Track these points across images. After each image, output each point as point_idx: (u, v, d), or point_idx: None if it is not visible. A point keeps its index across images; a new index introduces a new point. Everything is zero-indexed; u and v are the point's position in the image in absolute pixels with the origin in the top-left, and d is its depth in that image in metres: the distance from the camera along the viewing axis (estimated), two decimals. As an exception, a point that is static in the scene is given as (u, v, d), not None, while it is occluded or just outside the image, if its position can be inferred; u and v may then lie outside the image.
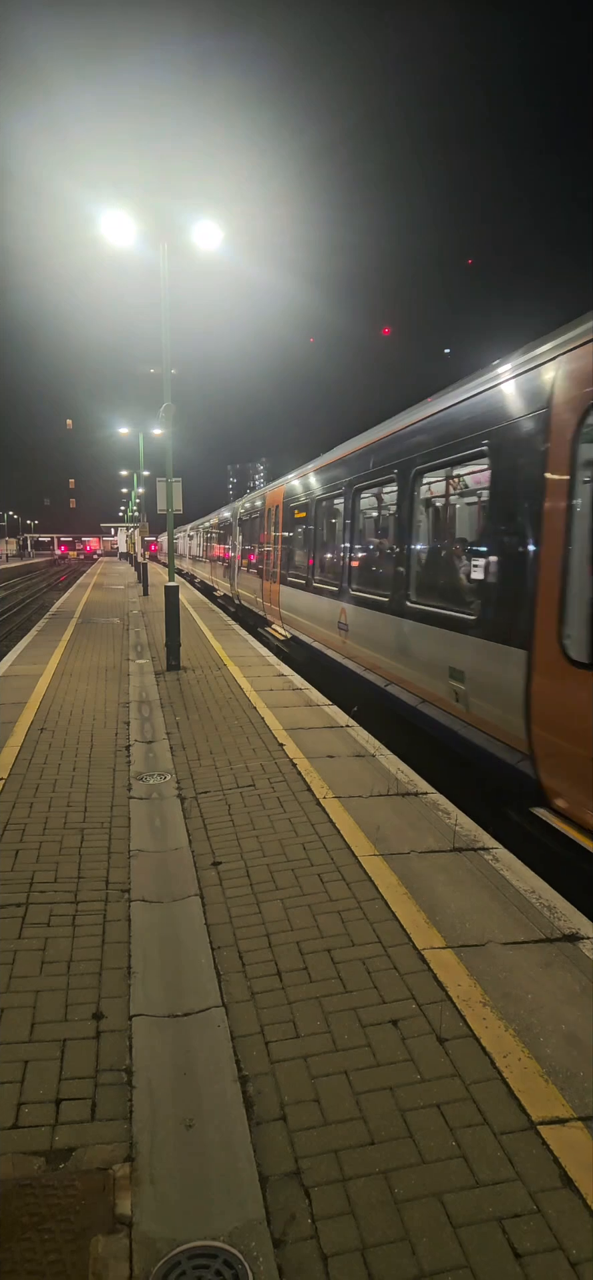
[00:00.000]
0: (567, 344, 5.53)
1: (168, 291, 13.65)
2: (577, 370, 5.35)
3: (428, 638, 7.87)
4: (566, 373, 5.48)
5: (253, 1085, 3.12)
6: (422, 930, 4.30)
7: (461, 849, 5.38)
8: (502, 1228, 2.47)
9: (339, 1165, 2.73)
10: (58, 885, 4.84)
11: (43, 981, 3.83)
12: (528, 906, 4.57)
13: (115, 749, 7.92)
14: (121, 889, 4.80)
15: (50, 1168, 2.73)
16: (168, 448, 14.22)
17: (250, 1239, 2.44)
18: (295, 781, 6.88)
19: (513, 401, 6.27)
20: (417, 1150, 2.79)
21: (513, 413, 6.23)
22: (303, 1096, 3.06)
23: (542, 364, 5.85)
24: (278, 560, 17.44)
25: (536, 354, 6.00)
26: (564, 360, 5.52)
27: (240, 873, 5.05)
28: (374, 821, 5.90)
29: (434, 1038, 3.40)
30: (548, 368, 5.72)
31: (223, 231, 13.45)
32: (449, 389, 8.12)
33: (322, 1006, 3.63)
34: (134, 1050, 3.33)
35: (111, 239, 13.21)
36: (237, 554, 25.18)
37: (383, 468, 9.92)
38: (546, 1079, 3.14)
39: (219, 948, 4.15)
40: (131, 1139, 2.85)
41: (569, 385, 5.42)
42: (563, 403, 5.45)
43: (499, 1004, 3.63)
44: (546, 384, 5.71)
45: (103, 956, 4.06)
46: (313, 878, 4.96)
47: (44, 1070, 3.20)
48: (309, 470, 14.82)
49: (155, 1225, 2.50)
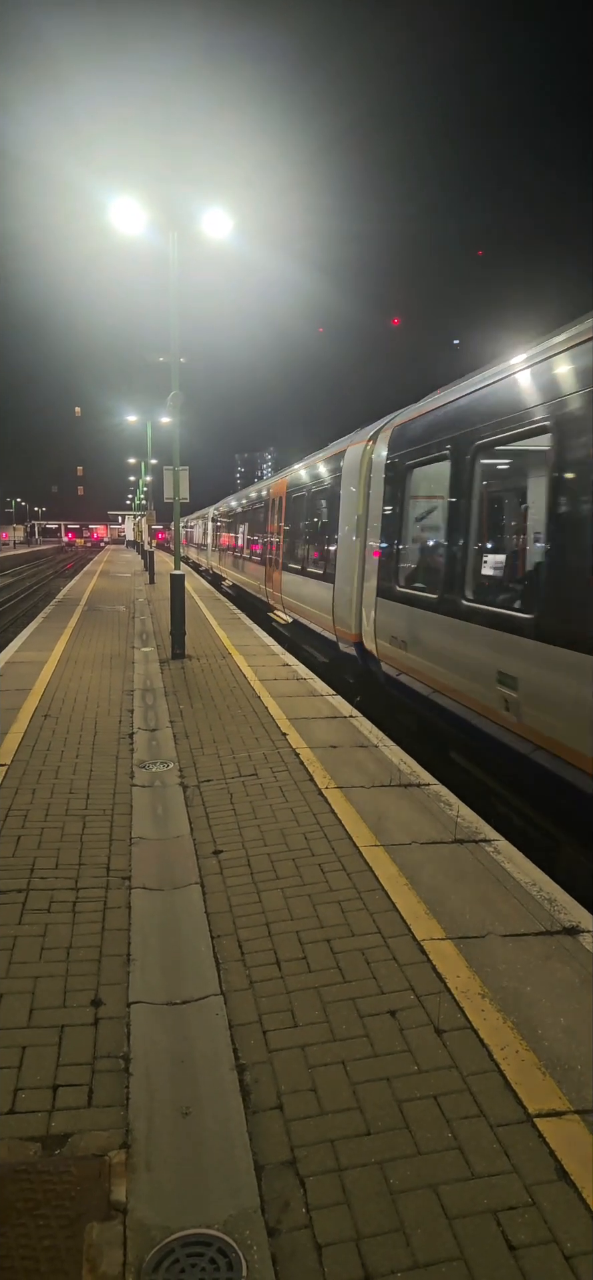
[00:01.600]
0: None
1: (177, 280, 13.61)
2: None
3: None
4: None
5: (250, 1074, 3.12)
6: (422, 921, 4.29)
7: (462, 840, 5.37)
8: (497, 1220, 2.47)
9: (335, 1155, 2.72)
10: (59, 871, 4.85)
11: (42, 967, 3.83)
12: (529, 899, 4.56)
13: (119, 736, 7.93)
14: (122, 876, 4.80)
15: (46, 1153, 2.74)
16: (175, 436, 14.19)
17: (245, 1228, 2.44)
18: (298, 771, 6.88)
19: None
20: (413, 1141, 2.78)
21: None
22: (300, 1086, 3.06)
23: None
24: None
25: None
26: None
27: (241, 861, 5.05)
28: (376, 812, 5.89)
29: (432, 1029, 3.39)
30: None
31: (232, 220, 13.37)
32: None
33: (320, 996, 3.63)
34: (132, 1037, 3.33)
35: (121, 227, 13.14)
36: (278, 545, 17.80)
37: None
38: (543, 1071, 3.13)
39: (219, 936, 4.15)
40: (128, 1126, 2.85)
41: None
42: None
43: (498, 996, 3.62)
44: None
45: (102, 943, 4.06)
46: (314, 867, 4.96)
47: (42, 1056, 3.21)
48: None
49: (150, 1212, 2.50)
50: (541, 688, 5.56)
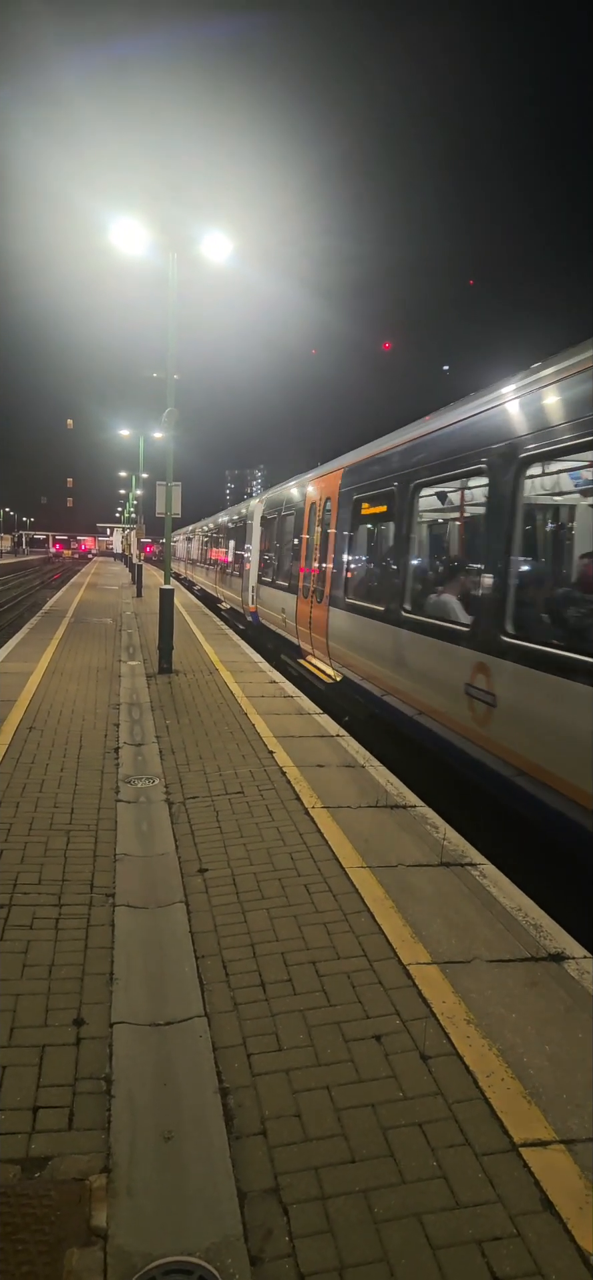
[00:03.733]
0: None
1: (175, 300, 13.70)
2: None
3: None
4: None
5: (234, 1098, 3.09)
6: (407, 945, 4.27)
7: (448, 864, 5.36)
8: (481, 1250, 2.45)
9: (319, 1183, 2.69)
10: (42, 887, 4.80)
11: (23, 985, 3.78)
12: (514, 924, 4.55)
13: (104, 751, 7.88)
14: (106, 893, 4.76)
15: (26, 1176, 2.69)
16: (169, 451, 14.20)
17: (227, 1255, 2.41)
18: (284, 790, 6.85)
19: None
20: (398, 1169, 2.76)
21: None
22: (284, 1111, 3.03)
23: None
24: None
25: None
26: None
27: (227, 880, 5.02)
28: (362, 833, 5.87)
29: (418, 1055, 3.37)
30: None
31: (231, 242, 13.51)
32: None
33: (305, 1019, 3.60)
34: (114, 1058, 3.29)
35: (122, 247, 13.31)
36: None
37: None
38: (529, 1100, 3.11)
39: (203, 956, 4.12)
40: (109, 1149, 2.81)
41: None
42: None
43: (484, 1022, 3.61)
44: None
45: (85, 961, 4.02)
46: (300, 888, 4.93)
47: (22, 1076, 3.16)
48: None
49: (131, 1238, 2.46)
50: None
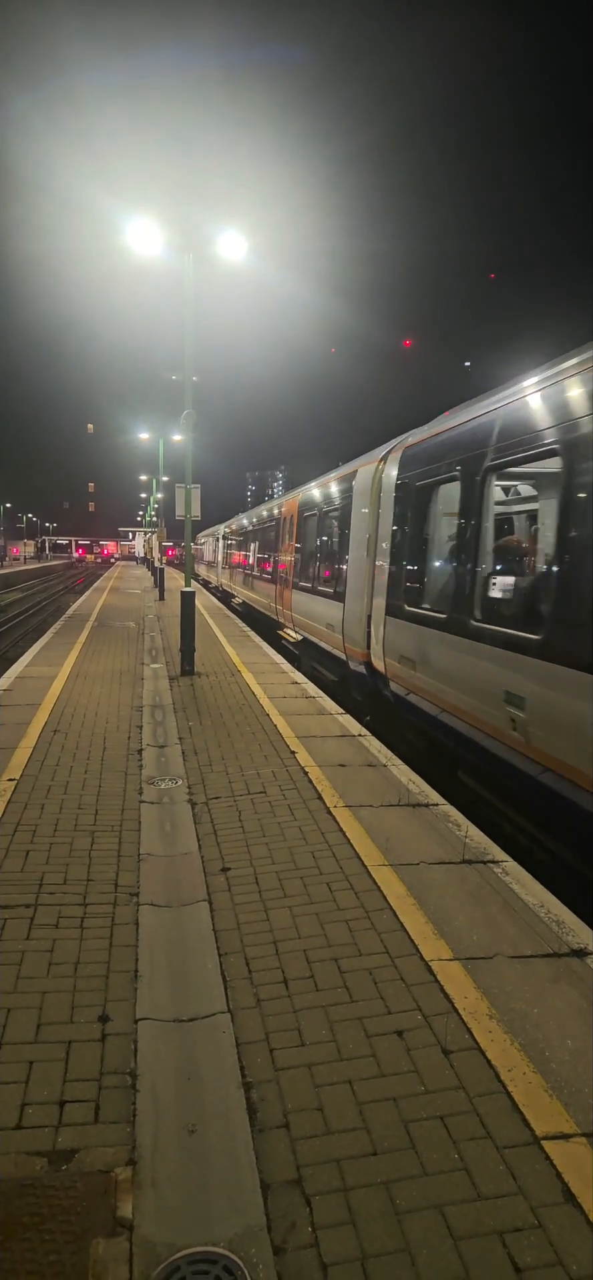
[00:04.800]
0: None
1: (192, 300, 13.76)
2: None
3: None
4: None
5: (256, 1092, 3.13)
6: (430, 941, 4.28)
7: (470, 861, 5.36)
8: (503, 1242, 2.46)
9: (341, 1175, 2.72)
10: (67, 887, 4.87)
11: (49, 983, 3.85)
12: (537, 920, 4.55)
13: (127, 752, 7.96)
14: (130, 892, 4.82)
15: (53, 1168, 2.75)
16: (188, 454, 14.29)
17: (251, 1246, 2.44)
18: (306, 789, 6.88)
19: None
20: (419, 1162, 2.78)
21: None
22: (306, 1105, 3.06)
23: None
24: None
25: None
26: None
27: (249, 879, 5.06)
28: (384, 831, 5.88)
29: (439, 1049, 3.39)
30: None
31: (247, 241, 13.53)
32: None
33: (327, 1015, 3.63)
34: (139, 1054, 3.34)
35: (138, 248, 13.31)
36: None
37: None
38: (550, 1094, 3.12)
39: (226, 954, 4.16)
40: (134, 1142, 2.86)
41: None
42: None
43: (506, 1017, 3.61)
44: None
45: (110, 959, 4.07)
46: (322, 886, 4.96)
47: (49, 1071, 3.22)
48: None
49: (156, 1229, 2.50)
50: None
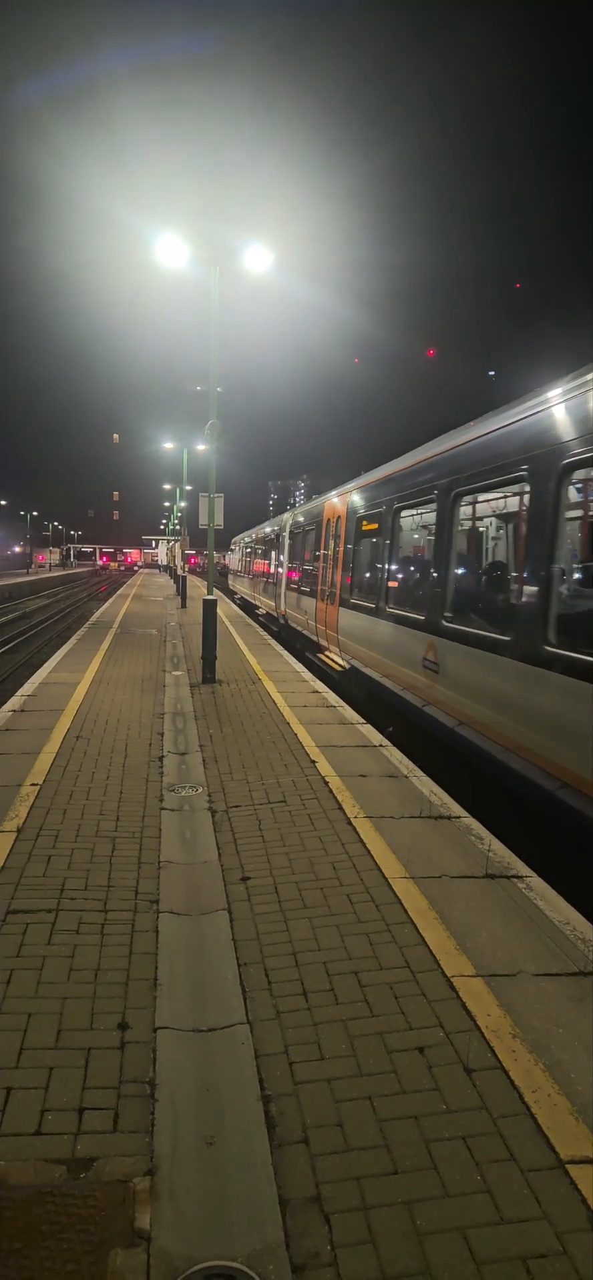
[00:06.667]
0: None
1: (218, 312, 13.87)
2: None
3: None
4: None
5: (276, 1105, 3.09)
6: (451, 957, 4.23)
7: (493, 875, 5.30)
8: (527, 1268, 2.41)
9: (361, 1193, 2.68)
10: (88, 893, 4.87)
11: (70, 989, 3.84)
12: (561, 938, 4.48)
13: (149, 759, 7.97)
14: (151, 899, 4.81)
15: (71, 1176, 2.73)
16: (212, 463, 14.37)
17: (268, 1262, 2.41)
18: (327, 800, 6.85)
19: None
20: (441, 1182, 2.73)
21: None
22: (326, 1120, 3.02)
23: None
24: None
25: None
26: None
27: (269, 889, 5.03)
28: (406, 843, 5.83)
29: (461, 1068, 3.33)
30: None
31: (272, 254, 13.64)
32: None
33: (347, 1029, 3.59)
34: (158, 1063, 3.32)
35: (165, 262, 13.59)
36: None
37: None
38: (576, 1117, 3.06)
39: (246, 964, 4.13)
40: (153, 1152, 2.84)
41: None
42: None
43: (530, 1037, 3.55)
44: None
45: (130, 967, 4.06)
46: (342, 898, 4.92)
47: (68, 1078, 3.21)
48: None
49: (173, 1241, 2.48)
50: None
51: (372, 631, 11.95)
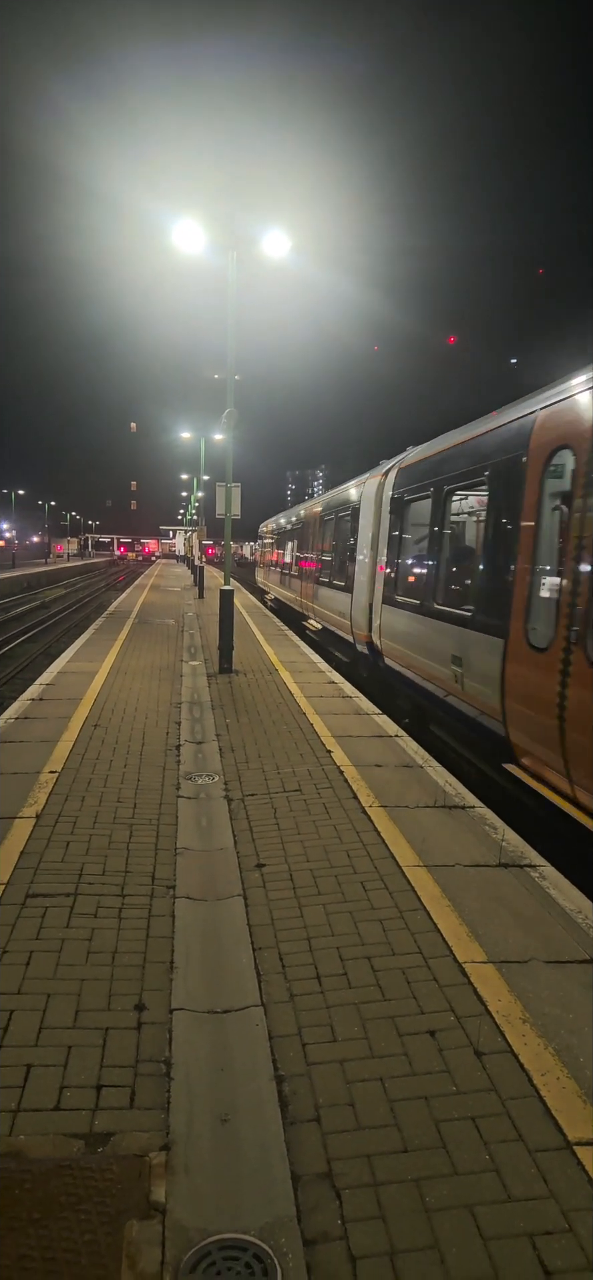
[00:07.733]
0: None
1: (235, 299, 13.85)
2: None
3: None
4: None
5: (288, 1085, 3.16)
6: (464, 943, 4.27)
7: (507, 865, 5.33)
8: (533, 1244, 2.45)
9: (371, 1170, 2.74)
10: (105, 878, 4.95)
11: (88, 970, 3.93)
12: (574, 926, 4.51)
13: (166, 748, 8.06)
14: (167, 885, 4.89)
15: (89, 1150, 2.81)
16: (229, 452, 14.39)
17: (280, 1235, 2.47)
18: (342, 788, 6.90)
19: None
20: (450, 1161, 2.78)
21: None
22: (338, 1100, 3.08)
23: None
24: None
25: None
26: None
27: (284, 876, 5.09)
28: (420, 832, 5.87)
29: (472, 1051, 3.38)
30: None
31: (290, 239, 13.57)
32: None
33: (360, 1013, 3.64)
34: (173, 1043, 3.40)
35: (183, 248, 13.48)
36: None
37: None
38: (584, 1100, 3.09)
39: (260, 948, 4.20)
40: (168, 1129, 2.91)
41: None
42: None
43: (540, 1022, 3.59)
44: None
45: (147, 950, 4.14)
46: (356, 885, 4.97)
47: (86, 1056, 3.29)
48: None
49: (188, 1214, 2.55)
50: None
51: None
